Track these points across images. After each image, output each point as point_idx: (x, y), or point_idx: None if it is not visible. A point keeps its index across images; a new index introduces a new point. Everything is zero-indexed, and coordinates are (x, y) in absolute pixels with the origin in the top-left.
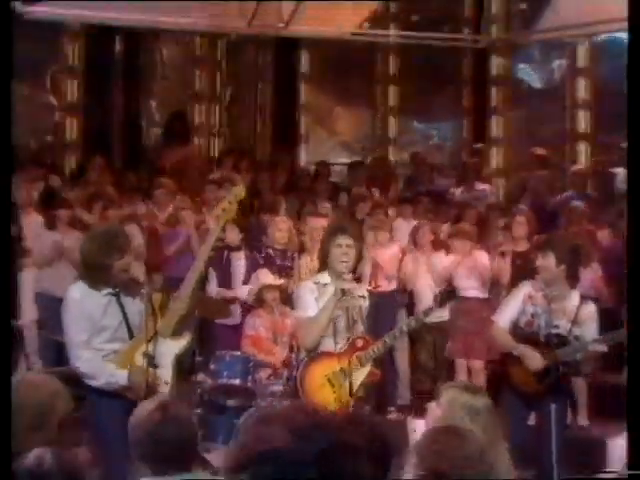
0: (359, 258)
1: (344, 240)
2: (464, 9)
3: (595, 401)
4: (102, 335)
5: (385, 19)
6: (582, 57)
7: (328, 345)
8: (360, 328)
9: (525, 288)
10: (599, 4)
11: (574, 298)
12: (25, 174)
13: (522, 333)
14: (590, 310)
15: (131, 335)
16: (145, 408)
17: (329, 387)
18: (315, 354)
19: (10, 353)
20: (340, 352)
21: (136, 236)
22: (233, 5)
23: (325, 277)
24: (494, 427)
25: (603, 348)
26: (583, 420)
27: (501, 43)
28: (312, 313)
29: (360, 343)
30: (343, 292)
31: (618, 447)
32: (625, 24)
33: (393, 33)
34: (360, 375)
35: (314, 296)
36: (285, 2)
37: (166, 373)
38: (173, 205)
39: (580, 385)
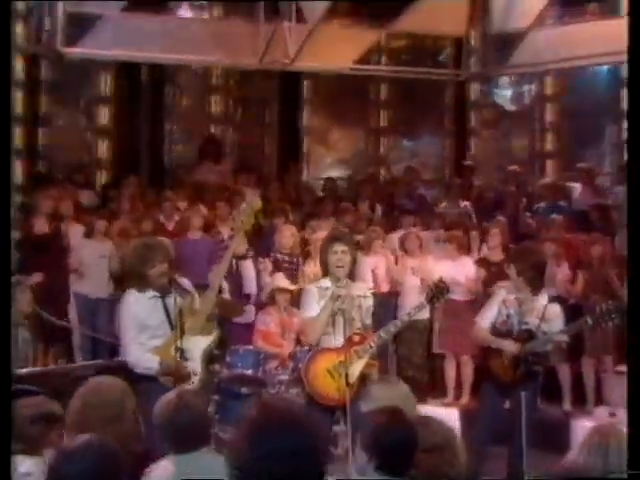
0: (354, 262)
1: (339, 247)
2: (447, 47)
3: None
4: (146, 332)
5: (378, 53)
6: (549, 85)
7: (329, 341)
8: (358, 325)
9: (501, 294)
10: (563, 43)
11: (542, 299)
12: (65, 189)
13: (499, 331)
14: (555, 309)
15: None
16: (166, 397)
17: (330, 378)
18: (318, 349)
19: (10, 353)
20: (339, 347)
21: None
22: (246, 44)
23: (326, 282)
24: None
25: (565, 339)
26: (567, 405)
27: (478, 76)
28: (314, 313)
29: (357, 338)
30: (339, 296)
31: (580, 428)
32: (587, 60)
33: (385, 68)
34: (358, 367)
35: (317, 298)
36: (291, 38)
37: (195, 365)
38: (179, 215)
39: (564, 375)
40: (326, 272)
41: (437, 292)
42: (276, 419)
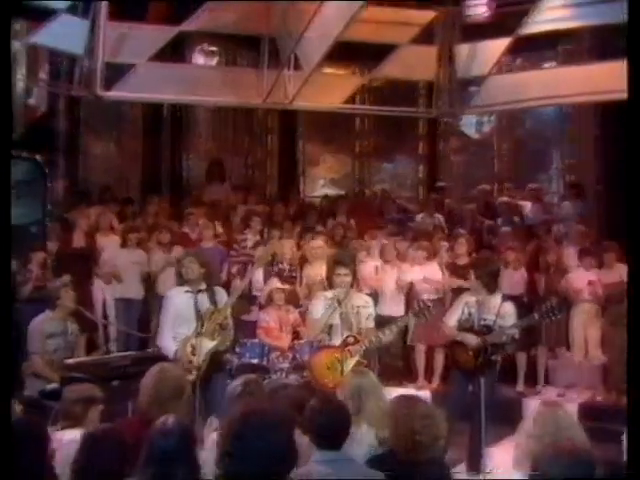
0: (353, 280)
1: (342, 270)
2: (420, 89)
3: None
4: (179, 319)
5: (362, 94)
6: (506, 119)
7: (328, 339)
8: (355, 328)
9: (464, 297)
10: (516, 87)
11: (497, 299)
12: (101, 206)
13: (463, 327)
14: (509, 307)
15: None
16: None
17: (326, 370)
18: (319, 347)
19: (10, 353)
20: (337, 346)
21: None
22: (252, 87)
23: (331, 294)
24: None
25: (517, 331)
26: (520, 387)
27: (446, 114)
28: (318, 316)
29: (351, 340)
30: (339, 302)
31: (531, 405)
32: (536, 102)
33: (368, 107)
34: (350, 363)
35: (322, 305)
36: (290, 82)
37: (200, 360)
38: (200, 227)
39: (520, 362)
40: (331, 287)
41: (423, 309)
42: (256, 418)
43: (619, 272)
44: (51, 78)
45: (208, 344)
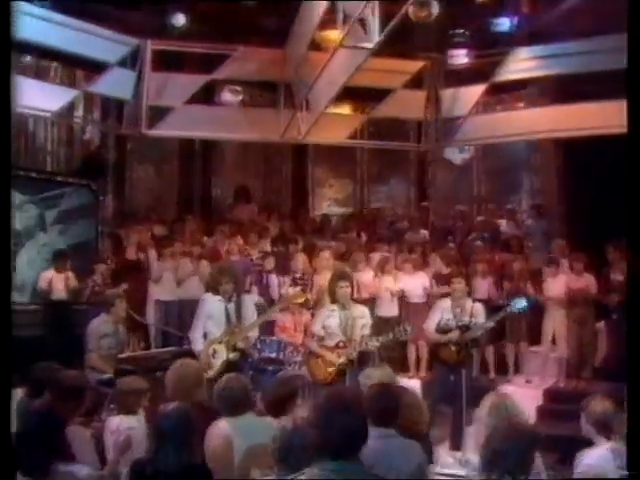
0: (352, 291)
1: (343, 284)
2: (411, 126)
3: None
4: (211, 321)
5: (362, 130)
6: (483, 149)
7: (328, 342)
8: (348, 335)
9: (439, 304)
10: (492, 125)
11: (469, 302)
12: (144, 224)
13: (442, 329)
14: (478, 307)
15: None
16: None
17: (319, 366)
18: (319, 348)
19: (10, 354)
20: (330, 348)
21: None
22: (270, 124)
23: (334, 306)
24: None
25: (492, 325)
26: (493, 376)
27: (433, 147)
28: (319, 327)
29: (341, 344)
30: (343, 308)
31: (508, 389)
32: (509, 137)
33: (367, 142)
34: (339, 361)
35: (323, 317)
36: (303, 122)
37: (217, 363)
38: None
39: (493, 355)
40: (334, 300)
41: (402, 331)
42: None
43: (586, 280)
44: (103, 118)
45: (225, 354)
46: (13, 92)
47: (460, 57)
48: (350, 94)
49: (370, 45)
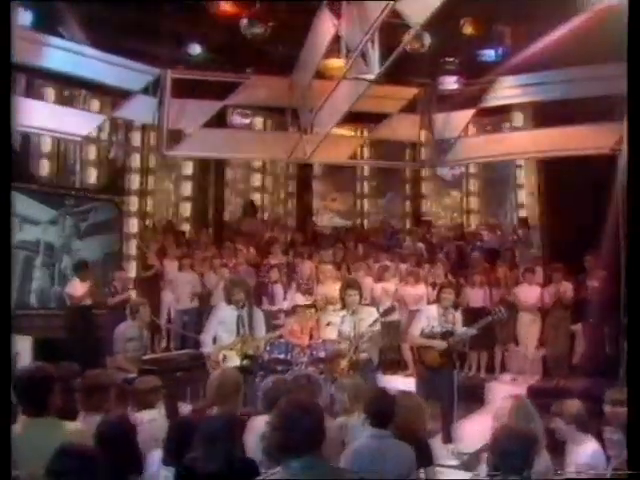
0: (360, 298)
1: (351, 292)
2: (406, 147)
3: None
4: (222, 327)
5: (362, 150)
6: (472, 167)
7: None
8: (357, 333)
9: (424, 311)
10: (480, 146)
11: (452, 311)
12: (165, 236)
13: (426, 335)
14: (458, 316)
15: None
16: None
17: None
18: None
19: (9, 354)
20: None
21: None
22: (278, 145)
23: (343, 312)
24: None
25: (475, 332)
26: (482, 374)
27: (427, 166)
28: (335, 329)
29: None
30: (353, 313)
31: (494, 387)
32: (494, 157)
33: (367, 161)
34: (344, 362)
35: (338, 322)
36: (308, 144)
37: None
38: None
39: (482, 356)
40: (343, 305)
41: (388, 310)
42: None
43: (563, 288)
44: (126, 139)
45: (236, 360)
46: (14, 110)
47: (450, 83)
48: (351, 118)
49: (371, 76)
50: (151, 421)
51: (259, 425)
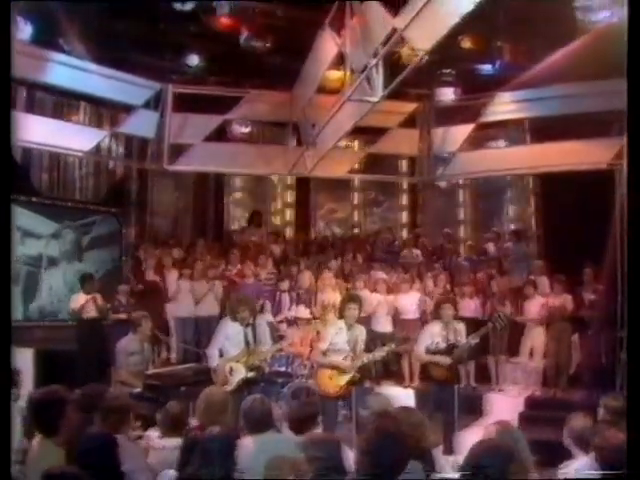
0: (360, 312)
1: (352, 305)
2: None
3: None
4: (228, 341)
5: (360, 164)
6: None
7: (335, 357)
8: (357, 350)
9: (428, 327)
10: (477, 161)
11: (455, 323)
12: (165, 247)
13: (431, 351)
14: (461, 327)
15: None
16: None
17: (328, 380)
18: (325, 362)
19: (9, 355)
20: (336, 363)
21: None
22: (278, 159)
23: (342, 324)
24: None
25: (477, 340)
26: (473, 384)
27: (425, 180)
28: (327, 343)
29: (347, 359)
30: (349, 327)
31: (492, 398)
32: (491, 172)
33: (366, 176)
34: (345, 378)
35: (333, 333)
36: (309, 158)
37: (234, 380)
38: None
39: (479, 368)
40: (343, 316)
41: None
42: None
43: (564, 299)
44: (126, 154)
45: (242, 372)
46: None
47: (447, 95)
48: (351, 132)
49: (375, 99)
50: (174, 449)
51: (248, 444)
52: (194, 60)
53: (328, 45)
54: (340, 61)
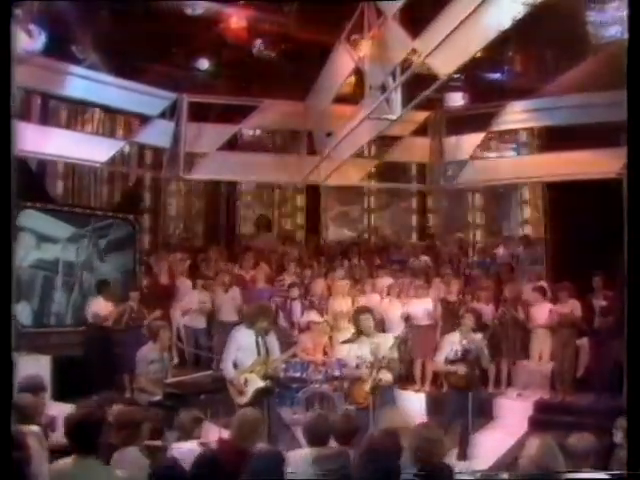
0: (374, 322)
1: (365, 316)
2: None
3: None
4: (241, 351)
5: (370, 173)
6: None
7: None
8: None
9: (447, 337)
10: (487, 170)
11: (473, 333)
12: (178, 253)
13: (450, 361)
14: (479, 337)
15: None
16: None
17: (363, 390)
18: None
19: (10, 356)
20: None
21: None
22: (295, 169)
23: (362, 337)
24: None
25: (485, 340)
26: (491, 389)
27: (437, 188)
28: (345, 352)
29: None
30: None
31: (503, 402)
32: (499, 181)
33: (378, 184)
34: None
35: (355, 347)
36: (323, 167)
37: (249, 390)
38: (255, 269)
39: (491, 372)
40: (359, 331)
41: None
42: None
43: (570, 305)
44: (139, 163)
45: (257, 383)
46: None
47: (457, 100)
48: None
49: (393, 117)
50: (190, 451)
51: (298, 458)
52: (204, 64)
53: (345, 59)
54: (357, 75)
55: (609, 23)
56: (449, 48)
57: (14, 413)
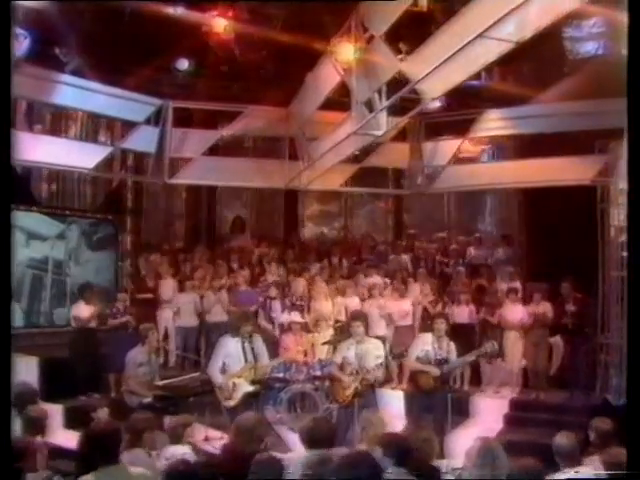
0: (365, 329)
1: (356, 323)
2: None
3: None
4: (228, 358)
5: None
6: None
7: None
8: (365, 364)
9: (420, 337)
10: (465, 175)
11: (447, 340)
12: (160, 254)
13: (421, 360)
14: (452, 346)
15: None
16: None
17: (342, 391)
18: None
19: (9, 357)
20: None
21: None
22: (275, 173)
23: (352, 341)
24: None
25: (473, 359)
26: (466, 387)
27: (415, 193)
28: (340, 358)
29: (355, 372)
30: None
31: (479, 400)
32: (480, 185)
33: (358, 189)
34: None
35: (344, 349)
36: (305, 173)
37: (238, 395)
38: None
39: (466, 372)
40: (349, 335)
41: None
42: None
43: (543, 307)
44: (121, 167)
45: (246, 387)
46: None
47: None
48: None
49: (379, 133)
50: (182, 455)
51: (295, 462)
52: (184, 64)
53: (330, 73)
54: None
55: (585, 39)
56: (436, 77)
57: (22, 424)
